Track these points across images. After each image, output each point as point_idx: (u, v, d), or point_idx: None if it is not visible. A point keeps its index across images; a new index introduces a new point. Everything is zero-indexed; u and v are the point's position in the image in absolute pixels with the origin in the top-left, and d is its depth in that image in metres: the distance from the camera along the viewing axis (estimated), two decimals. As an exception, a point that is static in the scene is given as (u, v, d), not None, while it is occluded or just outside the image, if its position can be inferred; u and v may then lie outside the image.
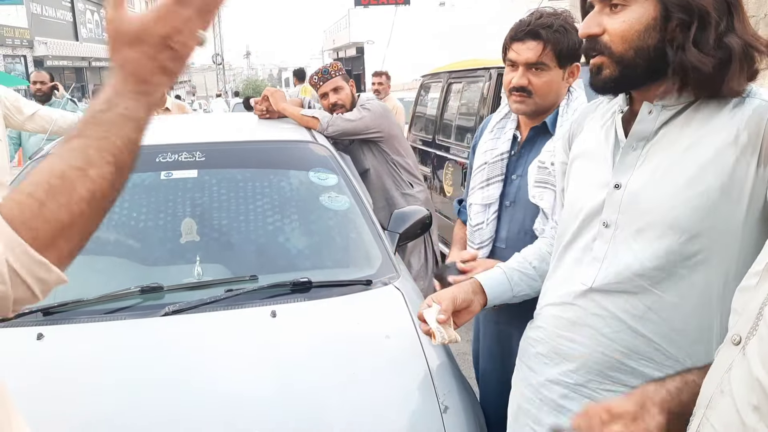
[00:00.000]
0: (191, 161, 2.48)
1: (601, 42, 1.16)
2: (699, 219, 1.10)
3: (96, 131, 0.77)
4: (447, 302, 1.43)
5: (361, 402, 1.60)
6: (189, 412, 1.53)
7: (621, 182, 1.20)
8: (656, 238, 1.14)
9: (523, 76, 1.79)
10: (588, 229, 1.26)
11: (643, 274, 1.16)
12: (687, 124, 1.15)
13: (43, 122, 4.03)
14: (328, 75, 3.38)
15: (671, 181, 1.13)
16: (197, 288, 2.01)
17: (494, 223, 1.90)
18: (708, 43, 1.08)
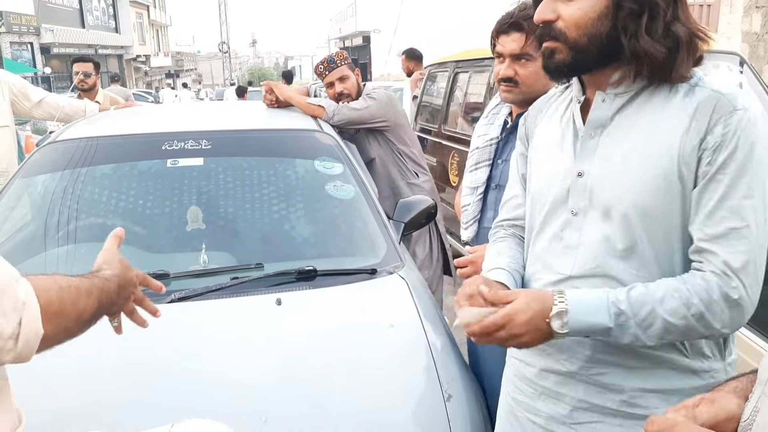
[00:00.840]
0: (197, 149, 2.49)
1: (555, 28, 1.19)
2: (659, 199, 1.15)
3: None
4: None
5: (364, 390, 1.61)
6: (193, 398, 1.54)
7: (583, 170, 1.24)
8: (623, 220, 1.18)
9: (509, 67, 1.86)
10: (555, 218, 1.29)
11: (616, 256, 1.20)
12: (640, 110, 1.19)
13: (51, 109, 4.04)
14: (334, 64, 3.37)
15: (632, 166, 1.17)
16: (203, 275, 2.02)
17: (478, 205, 2.01)
18: (658, 31, 1.13)
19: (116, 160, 2.51)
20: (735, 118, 1.11)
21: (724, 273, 1.10)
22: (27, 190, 2.46)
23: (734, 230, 1.10)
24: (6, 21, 24.81)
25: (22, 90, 3.95)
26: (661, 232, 1.17)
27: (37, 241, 2.25)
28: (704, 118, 1.12)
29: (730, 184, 1.10)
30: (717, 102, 1.13)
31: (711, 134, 1.11)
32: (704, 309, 1.11)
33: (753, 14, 9.85)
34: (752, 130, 1.11)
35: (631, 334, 1.14)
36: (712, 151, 1.11)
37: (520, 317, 1.15)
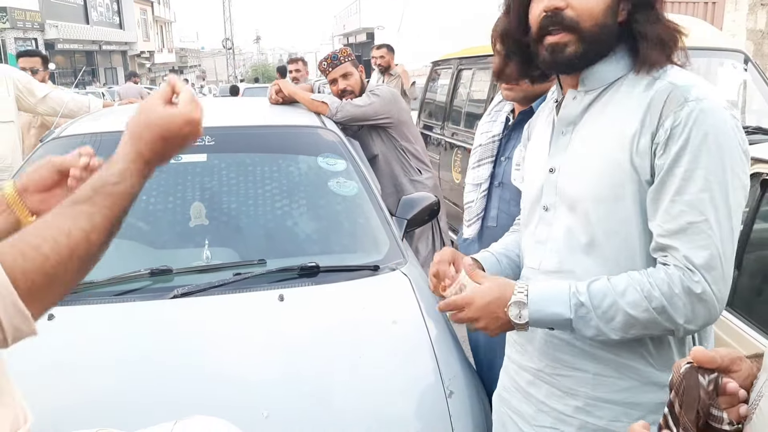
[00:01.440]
0: (201, 145, 2.49)
1: (566, 17, 1.15)
2: (613, 192, 1.15)
3: (106, 201, 0.89)
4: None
5: (366, 386, 1.62)
6: (196, 393, 1.54)
7: (554, 166, 1.26)
8: (583, 214, 1.19)
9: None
10: (533, 215, 1.32)
11: (579, 251, 1.20)
12: (606, 105, 1.20)
13: (55, 104, 4.05)
14: (337, 61, 3.37)
15: (591, 160, 1.18)
16: (206, 271, 2.03)
17: (482, 202, 2.00)
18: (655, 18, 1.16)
19: (120, 156, 2.51)
20: (686, 109, 1.09)
21: (687, 267, 1.09)
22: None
23: (692, 224, 1.08)
24: (11, 17, 24.86)
25: (27, 86, 3.96)
26: (618, 226, 1.16)
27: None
28: (656, 111, 1.11)
29: (686, 177, 1.08)
30: (669, 94, 1.11)
31: (662, 127, 1.10)
32: (666, 302, 1.09)
33: (758, 12, 9.82)
34: (705, 120, 1.08)
35: (593, 326, 1.13)
36: (663, 145, 1.10)
37: (478, 302, 1.18)
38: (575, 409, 1.24)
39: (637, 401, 1.20)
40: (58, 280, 0.81)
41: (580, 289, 1.14)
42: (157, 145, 0.95)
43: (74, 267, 0.82)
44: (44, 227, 0.82)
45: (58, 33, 28.42)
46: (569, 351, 1.24)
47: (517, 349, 1.38)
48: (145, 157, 0.95)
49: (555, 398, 1.27)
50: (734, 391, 0.74)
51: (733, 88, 4.70)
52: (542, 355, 1.29)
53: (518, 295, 1.16)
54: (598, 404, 1.22)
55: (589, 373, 1.22)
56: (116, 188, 0.89)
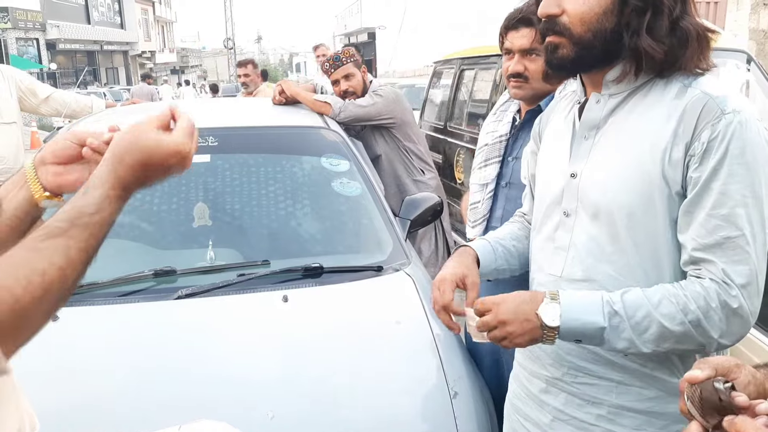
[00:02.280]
0: (204, 146, 2.49)
1: (560, 23, 1.16)
2: (642, 202, 1.13)
3: (83, 234, 0.82)
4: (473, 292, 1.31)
5: (371, 386, 1.62)
6: (200, 394, 1.54)
7: (576, 171, 1.23)
8: (609, 223, 1.17)
9: (519, 63, 1.85)
10: (550, 219, 1.29)
11: (606, 261, 1.18)
12: (632, 111, 1.17)
13: (57, 105, 4.05)
14: (340, 62, 3.37)
15: (618, 167, 1.16)
16: (210, 272, 2.03)
17: (489, 203, 1.97)
18: (662, 29, 1.11)
19: (123, 157, 2.51)
20: (723, 122, 1.07)
21: (723, 282, 1.07)
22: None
23: (729, 239, 1.07)
24: (12, 17, 24.89)
25: (29, 87, 3.96)
26: (645, 236, 1.14)
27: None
28: (691, 122, 1.09)
29: (723, 192, 1.07)
30: (705, 105, 1.09)
31: (698, 140, 1.08)
32: (702, 316, 1.07)
33: (760, 11, 9.80)
34: (743, 134, 1.07)
35: (626, 338, 1.10)
36: (699, 158, 1.08)
37: (509, 303, 1.14)
38: (597, 417, 1.23)
39: (661, 411, 1.19)
40: (30, 320, 0.76)
41: (614, 299, 1.11)
42: (138, 171, 0.89)
43: (48, 305, 0.78)
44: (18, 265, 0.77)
45: (59, 33, 28.45)
46: (592, 359, 1.22)
47: (528, 355, 1.36)
48: (124, 183, 0.88)
49: (574, 406, 1.25)
50: (745, 404, 0.74)
51: (736, 88, 4.70)
52: (558, 362, 1.27)
53: (550, 301, 1.13)
54: (621, 413, 1.21)
55: (613, 381, 1.21)
56: (93, 219, 0.84)
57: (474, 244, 1.43)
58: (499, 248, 1.43)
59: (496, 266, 1.44)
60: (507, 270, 1.46)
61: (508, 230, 1.51)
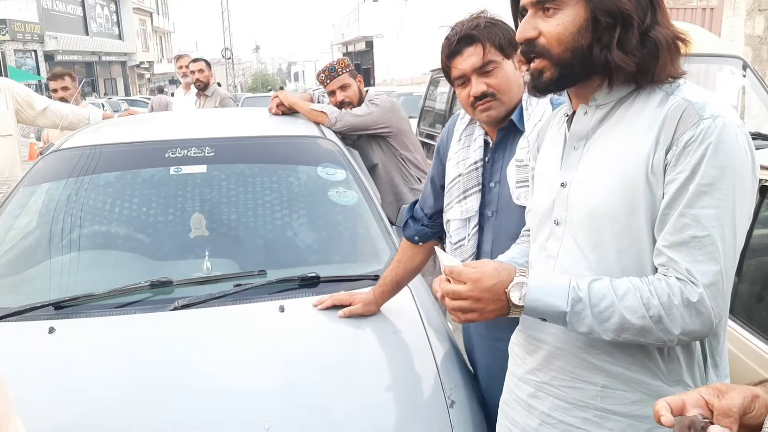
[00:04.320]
0: (200, 156, 2.49)
1: (538, 45, 1.20)
2: (625, 209, 1.15)
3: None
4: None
5: (368, 396, 1.61)
6: (197, 405, 1.54)
7: (566, 180, 1.25)
8: (594, 231, 1.19)
9: (479, 83, 1.69)
10: (543, 228, 1.31)
11: (590, 268, 1.20)
12: (618, 121, 1.20)
13: (54, 117, 4.07)
14: (335, 73, 3.38)
15: (603, 176, 1.19)
16: (206, 282, 2.03)
17: (476, 238, 1.78)
18: (632, 42, 1.14)
19: (120, 168, 2.52)
20: (701, 127, 1.10)
21: (689, 280, 1.10)
22: (31, 198, 2.47)
23: (696, 239, 1.09)
24: (10, 29, 24.96)
25: (26, 99, 3.97)
26: (629, 242, 1.17)
27: (41, 249, 2.26)
28: (670, 128, 1.12)
29: (696, 192, 1.09)
30: (684, 111, 1.12)
31: (676, 144, 1.11)
32: (663, 312, 1.10)
33: (756, 17, 9.84)
34: (720, 138, 1.09)
35: (587, 324, 1.14)
36: (676, 160, 1.11)
37: (486, 282, 1.16)
38: (583, 421, 1.24)
39: (645, 414, 1.19)
40: None
41: (580, 285, 1.14)
42: None
43: None
44: None
45: (57, 44, 28.53)
46: (577, 363, 1.24)
47: (517, 361, 1.37)
48: None
49: (561, 411, 1.26)
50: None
51: (732, 94, 4.71)
52: (546, 367, 1.28)
53: (519, 277, 1.17)
54: (607, 416, 1.22)
55: (598, 385, 1.22)
56: None
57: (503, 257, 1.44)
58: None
59: None
60: None
61: (518, 250, 1.50)
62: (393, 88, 17.73)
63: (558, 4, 1.17)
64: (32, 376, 1.61)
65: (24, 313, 1.89)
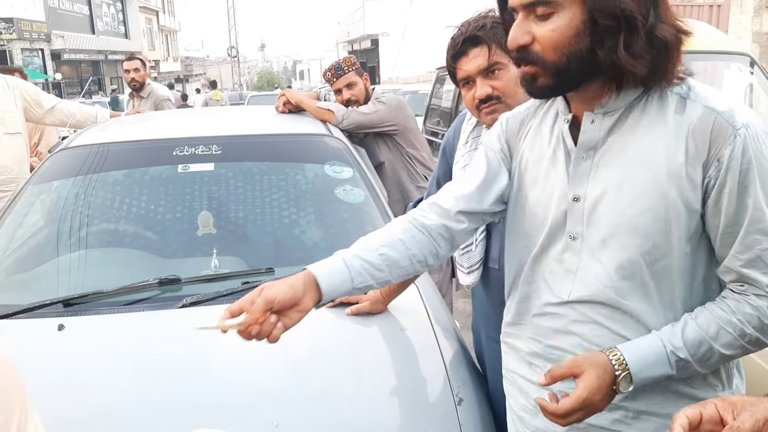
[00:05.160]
0: (208, 154, 2.50)
1: (532, 52, 1.12)
2: (659, 228, 1.12)
3: None
4: (255, 308, 1.23)
5: (375, 394, 1.62)
6: (204, 402, 1.55)
7: (579, 194, 1.20)
8: (620, 249, 1.15)
9: (484, 85, 1.66)
10: (556, 240, 1.25)
11: (611, 286, 1.17)
12: (633, 129, 1.14)
13: (62, 116, 4.08)
14: (341, 71, 3.39)
15: (628, 191, 1.14)
16: (214, 280, 2.03)
17: (484, 243, 1.75)
18: (639, 44, 1.07)
19: (128, 166, 2.53)
20: (739, 140, 1.07)
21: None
22: (40, 196, 2.48)
23: (767, 251, 1.10)
24: (17, 28, 25.05)
25: (34, 97, 3.99)
26: (657, 258, 1.14)
27: (50, 247, 2.27)
28: (703, 142, 1.09)
29: (756, 207, 1.08)
30: (714, 123, 1.08)
31: (716, 161, 1.08)
32: (759, 334, 1.12)
33: (763, 14, 9.80)
34: (760, 146, 1.08)
35: (690, 371, 1.15)
36: (724, 179, 1.08)
37: (597, 398, 1.11)
38: (613, 422, 1.23)
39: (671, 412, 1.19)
40: None
41: (676, 344, 1.12)
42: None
43: None
44: None
45: (64, 43, 28.61)
46: None
47: (537, 370, 1.32)
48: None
49: None
50: None
51: (740, 91, 4.69)
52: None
53: (619, 369, 1.12)
54: (638, 416, 1.22)
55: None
56: None
57: (319, 265, 1.30)
58: (355, 263, 1.30)
59: (355, 285, 1.30)
60: (372, 285, 1.33)
61: (381, 237, 1.36)
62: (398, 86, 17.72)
63: (552, 7, 1.09)
64: (41, 372, 1.62)
65: (33, 311, 1.90)
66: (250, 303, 1.23)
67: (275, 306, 1.24)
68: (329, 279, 1.29)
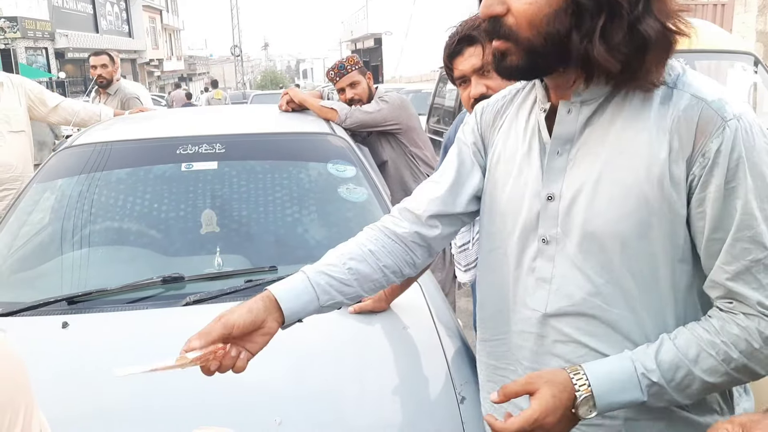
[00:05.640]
0: (211, 153, 2.51)
1: (505, 24, 1.00)
2: (641, 229, 1.01)
3: None
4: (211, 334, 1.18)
5: (378, 392, 1.62)
6: (208, 401, 1.55)
7: (554, 192, 1.08)
8: (600, 252, 1.04)
9: (479, 84, 1.68)
10: (526, 246, 1.13)
11: (597, 293, 1.05)
12: (613, 121, 1.02)
13: (66, 114, 4.09)
14: (344, 70, 3.40)
15: (607, 190, 1.02)
16: (217, 278, 2.04)
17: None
18: (617, 35, 0.95)
19: (131, 164, 2.53)
20: (728, 133, 0.94)
21: (762, 314, 0.96)
22: (44, 194, 2.49)
23: (758, 262, 0.95)
24: (21, 27, 25.10)
25: (38, 95, 4.00)
26: (642, 263, 1.02)
27: (54, 245, 2.28)
28: (688, 134, 0.96)
29: (745, 211, 0.95)
30: (701, 114, 0.96)
31: (701, 155, 0.95)
32: (746, 360, 0.97)
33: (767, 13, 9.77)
34: (751, 142, 0.95)
35: (667, 399, 1.01)
36: (708, 176, 0.96)
37: (550, 420, 0.99)
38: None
39: None
40: None
41: (648, 367, 0.99)
42: None
43: None
44: None
45: (68, 42, 28.66)
46: None
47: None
48: None
49: None
50: None
51: (743, 90, 4.69)
52: None
53: (581, 390, 0.99)
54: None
55: (619, 419, 1.09)
56: None
57: (280, 285, 1.24)
58: (321, 281, 1.22)
59: (322, 303, 1.23)
60: (343, 301, 1.25)
61: (350, 249, 1.28)
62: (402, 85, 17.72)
63: None
64: (46, 370, 1.62)
65: (37, 308, 1.91)
66: (207, 333, 1.16)
67: (235, 332, 1.16)
68: (292, 301, 1.21)
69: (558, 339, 1.11)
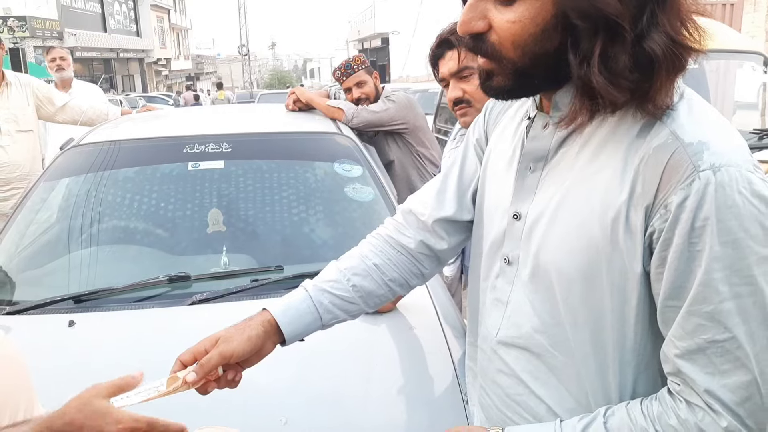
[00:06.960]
0: (218, 152, 2.51)
1: (488, 42, 0.87)
2: (585, 271, 0.89)
3: None
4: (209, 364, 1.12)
5: (384, 392, 1.61)
6: (214, 400, 1.55)
7: (520, 212, 0.98)
8: (549, 288, 0.93)
9: (455, 88, 1.71)
10: (494, 261, 1.05)
11: (542, 331, 0.96)
12: (587, 143, 0.90)
13: (74, 113, 4.11)
14: (351, 70, 3.39)
15: (565, 221, 0.91)
16: (224, 278, 2.04)
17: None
18: (620, 60, 0.80)
19: (138, 163, 2.54)
20: (696, 185, 0.78)
21: (709, 407, 0.81)
22: (51, 193, 2.50)
23: (714, 344, 0.80)
24: (30, 26, 25.23)
25: (46, 95, 4.02)
26: (590, 317, 0.90)
27: (61, 244, 2.29)
28: (653, 178, 0.81)
29: (705, 282, 0.79)
30: (672, 156, 0.80)
31: (663, 207, 0.81)
32: None
33: (777, 13, 9.72)
34: (724, 200, 0.77)
35: None
36: (669, 234, 0.81)
37: None
38: None
39: None
40: None
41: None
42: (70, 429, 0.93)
43: None
44: None
45: (76, 41, 28.80)
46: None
47: (474, 404, 1.19)
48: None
49: None
50: None
51: (752, 91, 4.66)
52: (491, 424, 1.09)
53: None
54: None
55: None
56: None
57: (281, 306, 1.18)
58: (324, 300, 1.17)
59: (325, 323, 1.20)
60: (346, 318, 1.22)
61: (354, 264, 1.22)
62: (409, 84, 17.71)
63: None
64: (52, 368, 1.62)
65: (44, 307, 1.91)
66: (203, 353, 1.11)
67: (232, 361, 1.12)
68: (294, 324, 1.17)
69: (502, 369, 1.05)
